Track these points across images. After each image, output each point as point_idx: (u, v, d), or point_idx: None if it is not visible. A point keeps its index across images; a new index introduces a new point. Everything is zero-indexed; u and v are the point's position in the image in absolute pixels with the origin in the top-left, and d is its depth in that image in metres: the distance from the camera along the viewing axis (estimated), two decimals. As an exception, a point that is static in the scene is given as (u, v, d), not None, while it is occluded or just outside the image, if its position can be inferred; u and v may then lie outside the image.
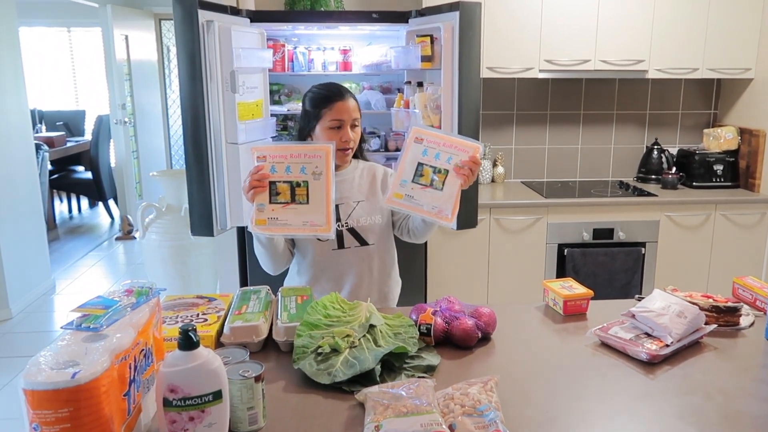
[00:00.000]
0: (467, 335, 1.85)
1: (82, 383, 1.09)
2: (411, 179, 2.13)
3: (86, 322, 1.25)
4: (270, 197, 2.09)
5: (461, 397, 1.44)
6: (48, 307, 5.25)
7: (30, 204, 5.35)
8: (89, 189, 7.99)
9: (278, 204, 2.09)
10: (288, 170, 2.09)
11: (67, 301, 5.35)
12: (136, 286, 1.41)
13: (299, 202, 2.09)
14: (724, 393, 1.60)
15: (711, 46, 4.22)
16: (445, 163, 2.10)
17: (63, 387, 1.08)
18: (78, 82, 9.77)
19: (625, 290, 4.15)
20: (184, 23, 2.97)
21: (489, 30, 4.05)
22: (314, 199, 2.09)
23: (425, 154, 2.12)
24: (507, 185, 4.62)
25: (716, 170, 4.44)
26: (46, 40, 9.51)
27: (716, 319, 2.01)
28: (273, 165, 2.09)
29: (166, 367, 1.22)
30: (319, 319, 1.83)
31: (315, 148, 2.10)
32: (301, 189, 2.09)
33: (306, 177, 2.09)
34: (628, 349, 1.81)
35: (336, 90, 2.34)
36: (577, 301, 2.14)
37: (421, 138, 2.13)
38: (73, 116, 9.18)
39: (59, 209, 8.64)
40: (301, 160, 2.09)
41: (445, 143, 2.11)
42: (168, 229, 4.71)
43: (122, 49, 7.20)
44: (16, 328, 4.78)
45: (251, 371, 1.40)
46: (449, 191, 2.10)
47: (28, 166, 5.34)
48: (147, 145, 7.85)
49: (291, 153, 2.09)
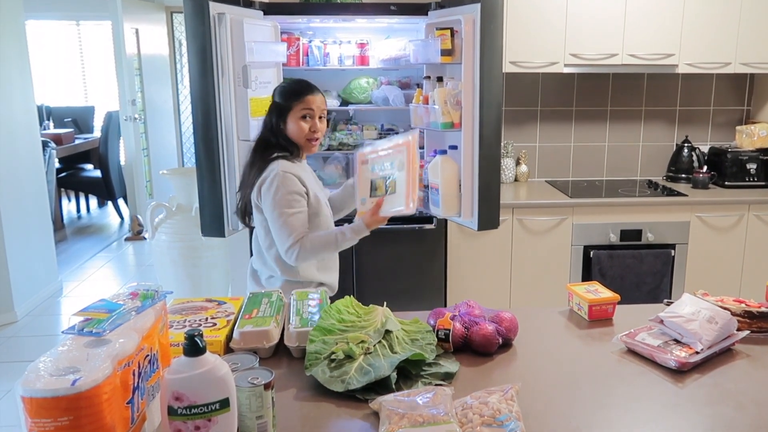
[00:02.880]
0: (487, 341, 1.84)
1: (83, 390, 1.09)
2: (368, 196, 2.52)
3: (88, 327, 1.25)
4: (370, 192, 2.53)
5: (480, 407, 1.43)
6: (54, 309, 5.28)
7: (36, 203, 5.40)
8: (98, 188, 8.04)
9: (376, 197, 2.49)
10: (382, 167, 2.50)
11: (75, 303, 5.38)
12: (141, 289, 1.41)
13: (390, 193, 2.46)
14: (757, 403, 1.58)
15: (744, 40, 4.17)
16: (390, 169, 2.46)
17: (63, 394, 1.08)
18: (87, 77, 9.86)
19: (654, 294, 4.11)
20: (195, 16, 2.98)
21: (512, 23, 4.02)
22: (399, 189, 2.44)
23: (373, 170, 2.51)
24: (530, 184, 4.60)
25: (749, 169, 4.38)
26: (54, 34, 9.60)
27: (749, 325, 1.98)
28: (373, 165, 2.51)
29: (170, 374, 1.21)
30: (332, 324, 1.82)
31: (398, 145, 2.47)
32: (391, 182, 2.47)
33: (393, 171, 2.46)
34: (656, 357, 1.79)
35: (306, 84, 2.59)
36: (602, 306, 2.12)
37: (366, 159, 2.54)
38: (81, 112, 9.26)
39: (67, 209, 8.71)
40: (390, 156, 2.48)
41: (384, 151, 2.49)
42: (178, 230, 4.72)
43: (132, 43, 7.24)
44: (22, 332, 4.82)
45: (260, 378, 1.39)
46: (402, 189, 2.42)
47: (35, 164, 5.38)
48: (158, 142, 7.89)
49: (381, 151, 2.51)
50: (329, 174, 4.13)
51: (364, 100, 4.13)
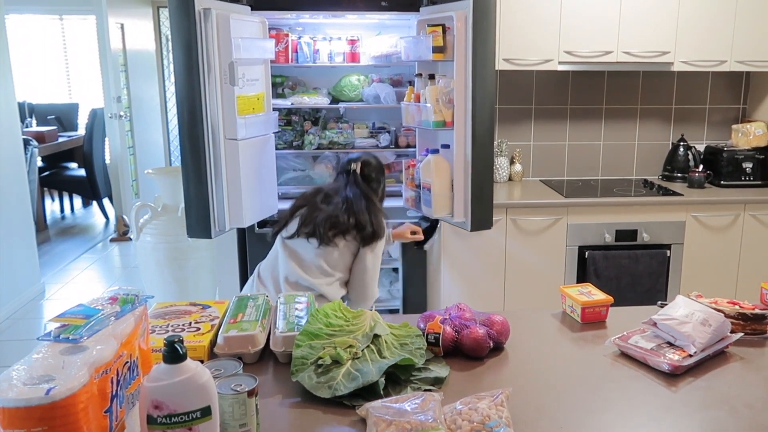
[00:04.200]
0: (478, 345, 1.84)
1: (57, 400, 1.07)
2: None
3: (65, 333, 1.23)
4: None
5: (469, 412, 1.42)
6: (37, 313, 5.25)
7: (18, 203, 5.35)
8: (82, 187, 8.00)
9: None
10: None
11: (58, 306, 5.33)
12: (121, 293, 1.39)
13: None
14: (750, 407, 1.58)
15: (739, 37, 4.18)
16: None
17: (36, 404, 1.06)
18: (71, 73, 9.80)
19: (650, 295, 4.11)
20: (180, 11, 2.96)
21: (505, 19, 4.02)
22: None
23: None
24: (525, 184, 4.60)
25: (745, 168, 4.39)
26: (36, 29, 9.53)
27: (743, 327, 1.98)
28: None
29: (149, 382, 1.20)
30: (320, 329, 1.81)
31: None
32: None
33: None
34: (648, 360, 1.79)
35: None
36: (595, 308, 2.12)
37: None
38: (65, 110, 9.19)
39: (50, 209, 8.68)
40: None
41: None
42: (164, 231, 4.69)
43: (118, 39, 7.19)
44: (2, 336, 4.78)
45: (244, 385, 1.38)
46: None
47: (16, 163, 5.34)
48: (144, 140, 7.85)
49: None
50: (319, 173, 4.12)
51: (355, 98, 4.13)
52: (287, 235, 2.88)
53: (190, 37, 2.97)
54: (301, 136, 4.13)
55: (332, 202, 2.88)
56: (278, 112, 3.82)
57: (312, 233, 2.81)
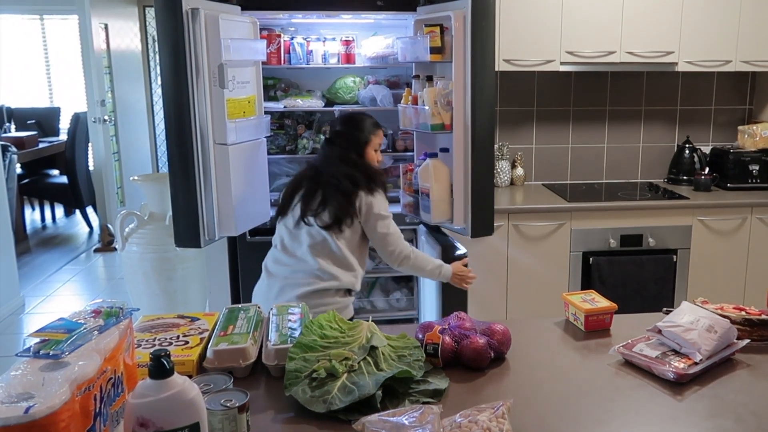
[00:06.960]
0: (478, 355, 1.84)
1: (37, 418, 1.06)
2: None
3: (45, 349, 1.22)
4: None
5: (469, 425, 1.43)
6: (16, 328, 5.21)
7: (-5, 212, 5.31)
8: (65, 195, 7.97)
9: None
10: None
11: (38, 321, 5.28)
12: (105, 306, 1.39)
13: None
14: (757, 415, 1.59)
15: (744, 37, 4.20)
16: None
17: (15, 423, 1.05)
18: (52, 76, 9.76)
19: (656, 301, 4.12)
20: (166, 11, 2.96)
21: (505, 18, 4.02)
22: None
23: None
24: (527, 188, 4.61)
25: (752, 170, 4.41)
26: (16, 30, 9.51)
27: (749, 334, 1.99)
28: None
29: (134, 398, 1.20)
30: (314, 341, 1.81)
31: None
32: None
33: None
34: (653, 368, 1.80)
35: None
36: (599, 316, 2.13)
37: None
38: (46, 114, 9.14)
39: (30, 218, 8.62)
40: None
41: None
42: (151, 240, 4.67)
43: (101, 39, 7.17)
44: (-20, 351, 4.76)
45: (234, 400, 1.38)
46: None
47: (-6, 170, 5.30)
48: (130, 145, 7.81)
49: None
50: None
51: (351, 100, 4.13)
52: (294, 221, 2.86)
53: (177, 37, 2.96)
54: (295, 141, 4.13)
55: (323, 178, 2.87)
56: (270, 115, 3.81)
57: (315, 216, 2.81)
